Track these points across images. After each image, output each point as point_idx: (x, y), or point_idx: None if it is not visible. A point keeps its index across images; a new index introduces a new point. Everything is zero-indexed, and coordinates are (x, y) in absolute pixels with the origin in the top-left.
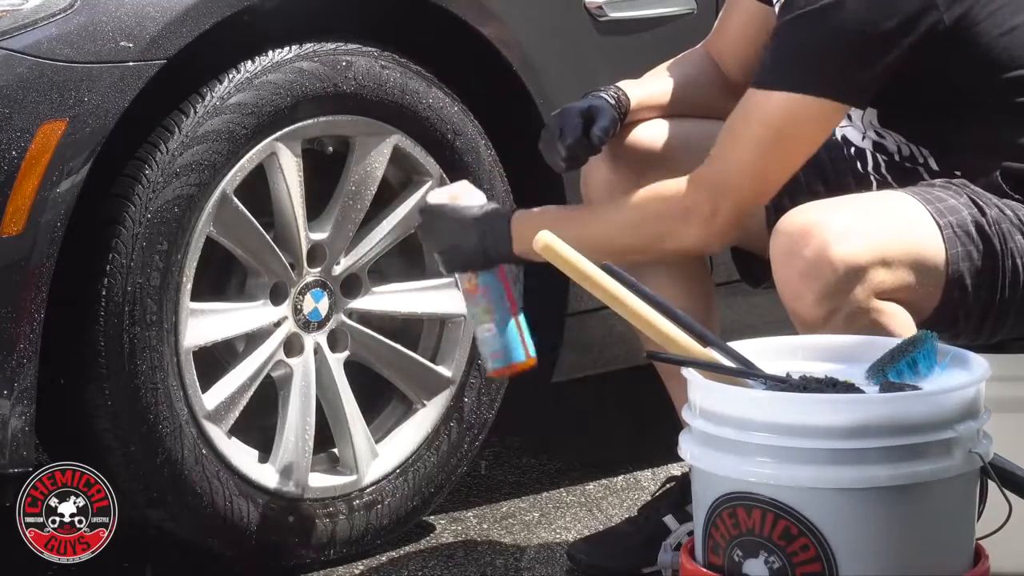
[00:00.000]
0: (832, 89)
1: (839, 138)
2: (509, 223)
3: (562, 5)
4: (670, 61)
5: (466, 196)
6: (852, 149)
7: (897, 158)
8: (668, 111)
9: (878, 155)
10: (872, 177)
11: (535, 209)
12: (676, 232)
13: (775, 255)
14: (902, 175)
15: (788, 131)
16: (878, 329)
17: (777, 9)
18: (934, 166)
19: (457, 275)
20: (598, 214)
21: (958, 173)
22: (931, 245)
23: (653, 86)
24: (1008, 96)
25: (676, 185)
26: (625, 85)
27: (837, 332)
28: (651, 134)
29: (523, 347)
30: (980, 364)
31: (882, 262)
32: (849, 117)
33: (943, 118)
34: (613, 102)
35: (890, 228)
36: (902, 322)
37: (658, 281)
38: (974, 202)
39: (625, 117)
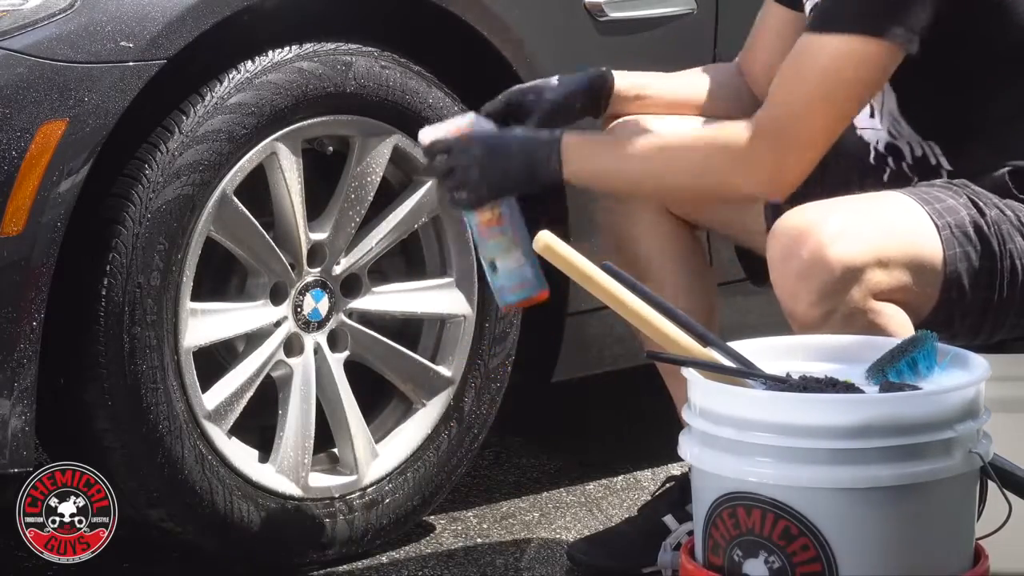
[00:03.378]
0: (889, 29)
1: (857, 137)
2: (559, 144)
3: (562, 5)
4: (702, 67)
5: (480, 125)
6: (871, 156)
7: (910, 160)
8: (684, 110)
9: (890, 158)
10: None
11: (586, 133)
12: (738, 184)
13: (772, 256)
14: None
15: (847, 75)
16: (875, 330)
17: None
18: (947, 165)
19: (471, 213)
20: (657, 150)
21: (967, 178)
22: (929, 246)
23: (676, 82)
24: None
25: (738, 133)
26: (641, 76)
27: (834, 333)
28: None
29: (543, 278)
30: (980, 364)
31: (879, 263)
32: (871, 111)
33: (959, 109)
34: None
35: (887, 229)
36: (899, 323)
37: (659, 278)
38: (973, 202)
39: (604, 101)
